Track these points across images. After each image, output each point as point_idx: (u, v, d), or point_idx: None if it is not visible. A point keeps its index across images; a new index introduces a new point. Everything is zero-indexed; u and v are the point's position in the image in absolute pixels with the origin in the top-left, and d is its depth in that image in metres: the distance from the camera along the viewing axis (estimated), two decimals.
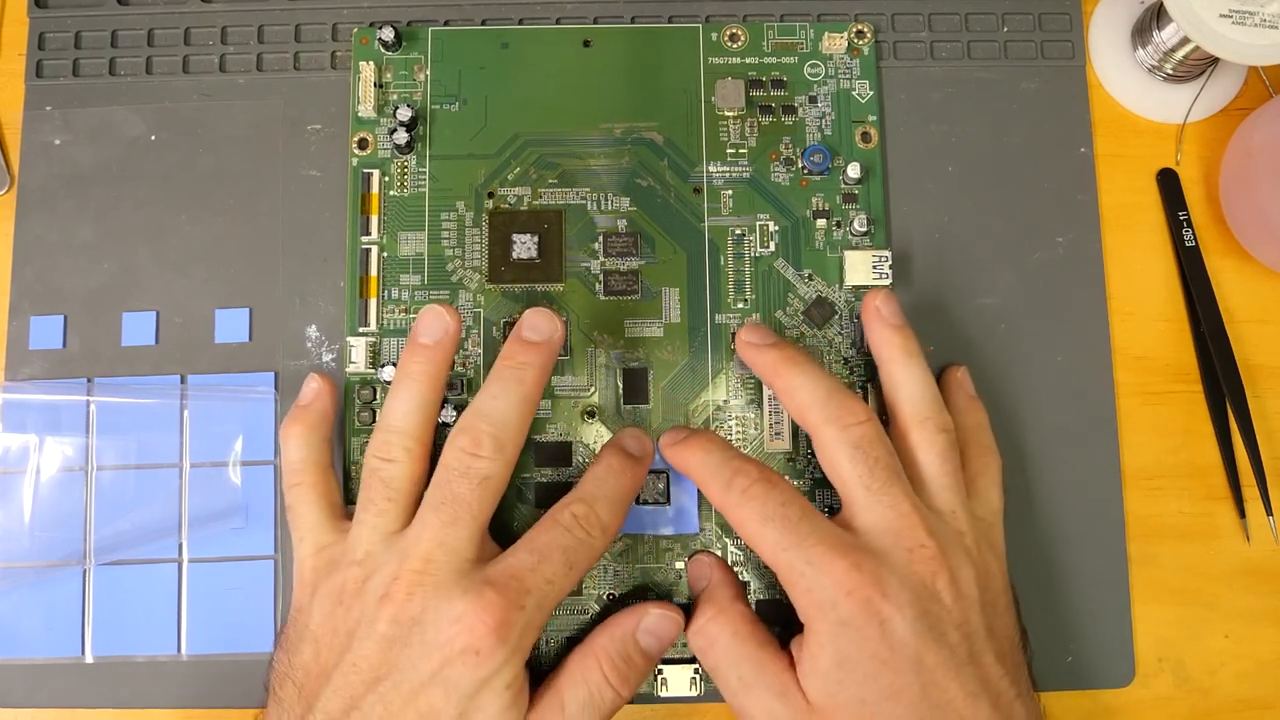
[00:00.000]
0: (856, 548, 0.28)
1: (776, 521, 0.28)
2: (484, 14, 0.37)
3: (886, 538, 0.28)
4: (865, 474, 0.29)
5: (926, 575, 0.28)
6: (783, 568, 0.28)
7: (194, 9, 0.37)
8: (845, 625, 0.27)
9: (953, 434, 0.31)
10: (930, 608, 0.27)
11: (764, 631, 0.30)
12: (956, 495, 0.30)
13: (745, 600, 0.31)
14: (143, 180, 0.36)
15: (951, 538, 0.29)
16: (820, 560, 0.28)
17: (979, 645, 0.28)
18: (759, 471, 0.30)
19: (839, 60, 0.36)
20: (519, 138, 0.36)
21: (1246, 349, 0.36)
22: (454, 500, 0.29)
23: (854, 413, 0.30)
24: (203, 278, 0.35)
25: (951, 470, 0.30)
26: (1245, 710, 0.34)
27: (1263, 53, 0.33)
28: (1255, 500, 0.35)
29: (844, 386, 0.31)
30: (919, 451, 0.30)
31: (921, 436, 0.30)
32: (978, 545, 0.29)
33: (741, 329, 0.33)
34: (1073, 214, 0.36)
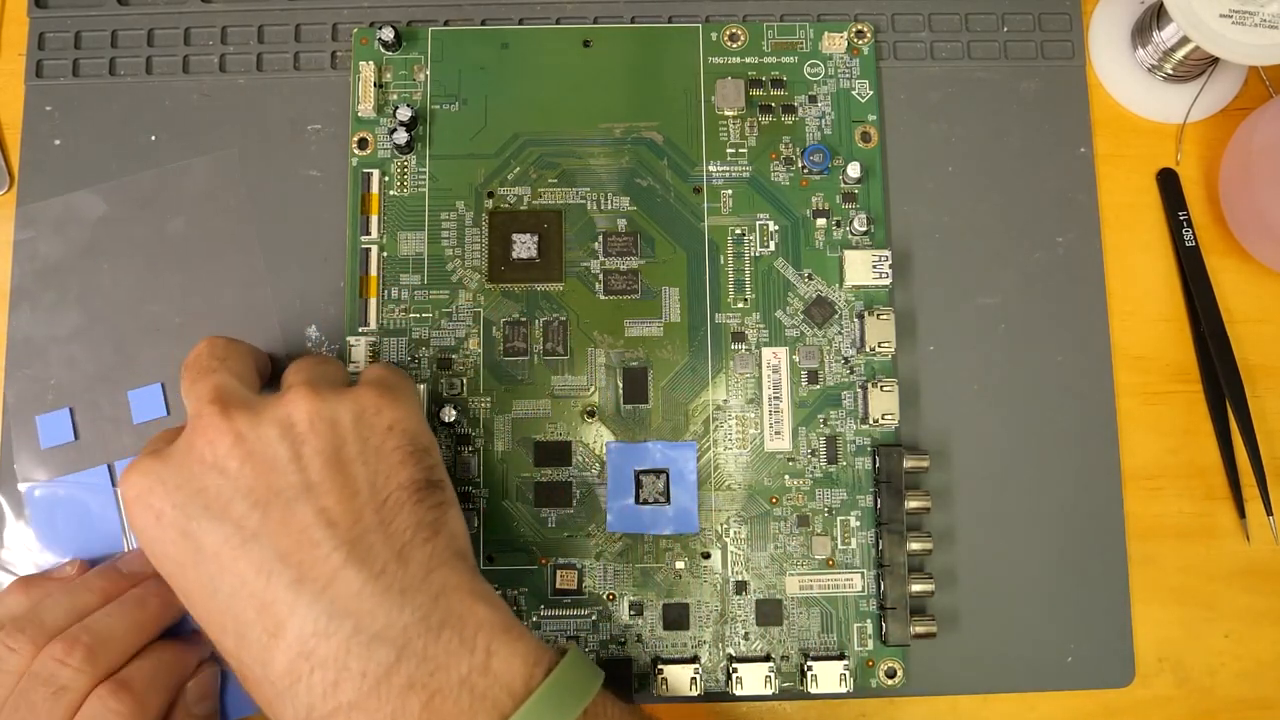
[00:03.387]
0: (148, 455, 0.27)
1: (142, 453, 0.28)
2: (484, 14, 0.37)
3: (186, 433, 0.27)
4: (182, 383, 0.28)
5: (204, 445, 0.26)
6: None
7: (194, 9, 0.37)
8: (136, 534, 0.27)
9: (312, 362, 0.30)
10: (208, 483, 0.25)
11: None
12: (300, 374, 0.28)
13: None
14: (114, 254, 0.35)
15: (259, 403, 0.27)
16: (122, 480, 0.27)
17: (281, 506, 0.25)
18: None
19: (839, 60, 0.36)
20: (519, 138, 0.36)
21: (1246, 349, 0.36)
22: (27, 707, 0.27)
23: (195, 347, 0.29)
24: (198, 333, 0.34)
25: (307, 363, 0.29)
26: (1245, 710, 0.34)
27: (1263, 53, 0.33)
28: (1255, 500, 0.35)
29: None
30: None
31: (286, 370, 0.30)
32: (306, 395, 0.27)
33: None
34: (1073, 214, 0.36)
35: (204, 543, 0.25)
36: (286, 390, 0.27)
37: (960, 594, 0.34)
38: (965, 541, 0.34)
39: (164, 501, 0.26)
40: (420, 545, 0.26)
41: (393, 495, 0.26)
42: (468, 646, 0.25)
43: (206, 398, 0.27)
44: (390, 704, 0.24)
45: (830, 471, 0.34)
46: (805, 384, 0.34)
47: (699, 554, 0.33)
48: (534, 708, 0.24)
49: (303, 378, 0.28)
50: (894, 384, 0.33)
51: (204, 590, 0.25)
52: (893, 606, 0.32)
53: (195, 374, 0.28)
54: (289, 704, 0.24)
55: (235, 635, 0.25)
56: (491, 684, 0.24)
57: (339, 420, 0.27)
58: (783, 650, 0.33)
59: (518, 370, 0.34)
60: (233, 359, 0.29)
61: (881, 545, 0.33)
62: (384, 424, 0.27)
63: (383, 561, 0.25)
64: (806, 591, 0.33)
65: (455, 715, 0.24)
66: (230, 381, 0.27)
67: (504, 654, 0.25)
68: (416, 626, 0.25)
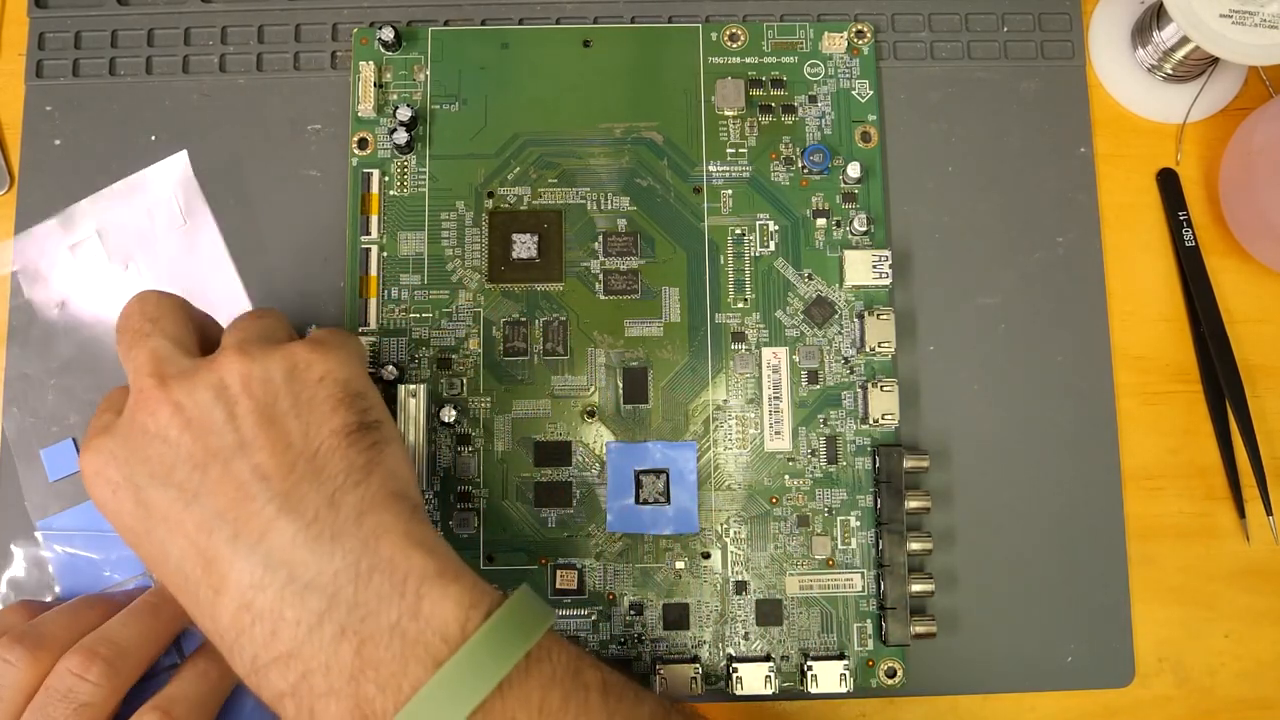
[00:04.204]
0: (99, 432, 0.27)
1: (86, 430, 0.28)
2: (484, 14, 0.37)
3: (129, 406, 0.27)
4: (119, 347, 0.28)
5: (146, 417, 0.26)
6: None
7: (194, 9, 0.37)
8: (102, 510, 0.27)
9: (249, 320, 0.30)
10: (152, 453, 0.26)
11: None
12: (234, 335, 0.28)
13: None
14: (98, 277, 0.35)
15: (193, 368, 0.27)
16: (80, 459, 0.27)
17: (219, 466, 0.25)
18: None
19: (839, 60, 0.36)
20: (519, 138, 0.36)
21: (1246, 349, 0.36)
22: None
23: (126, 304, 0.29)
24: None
25: (244, 322, 0.29)
26: (1245, 710, 0.34)
27: (1263, 53, 0.33)
28: (1255, 500, 0.35)
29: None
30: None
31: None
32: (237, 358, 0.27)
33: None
34: (1073, 214, 0.36)
35: (153, 509, 0.25)
36: (220, 352, 0.27)
37: (960, 594, 0.34)
38: (965, 541, 0.34)
39: (117, 474, 0.26)
40: (351, 489, 0.26)
41: (325, 443, 0.26)
42: (398, 591, 0.25)
43: (145, 369, 0.27)
44: (324, 651, 0.24)
45: (830, 471, 0.34)
46: (805, 384, 0.34)
47: (699, 554, 0.33)
48: (470, 652, 0.24)
49: (236, 338, 0.28)
50: (894, 384, 0.33)
51: (160, 554, 0.26)
52: (893, 606, 0.32)
53: (130, 339, 0.28)
54: (237, 655, 0.25)
55: (189, 594, 0.26)
56: (423, 629, 0.24)
57: (271, 378, 0.27)
58: (783, 650, 0.33)
59: (518, 370, 0.34)
60: (165, 319, 0.28)
61: (881, 545, 0.33)
62: (315, 376, 0.27)
63: (315, 509, 0.25)
64: (806, 591, 0.33)
65: (388, 661, 0.24)
66: (164, 346, 0.27)
67: (434, 597, 0.25)
68: (346, 572, 0.25)
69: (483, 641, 0.24)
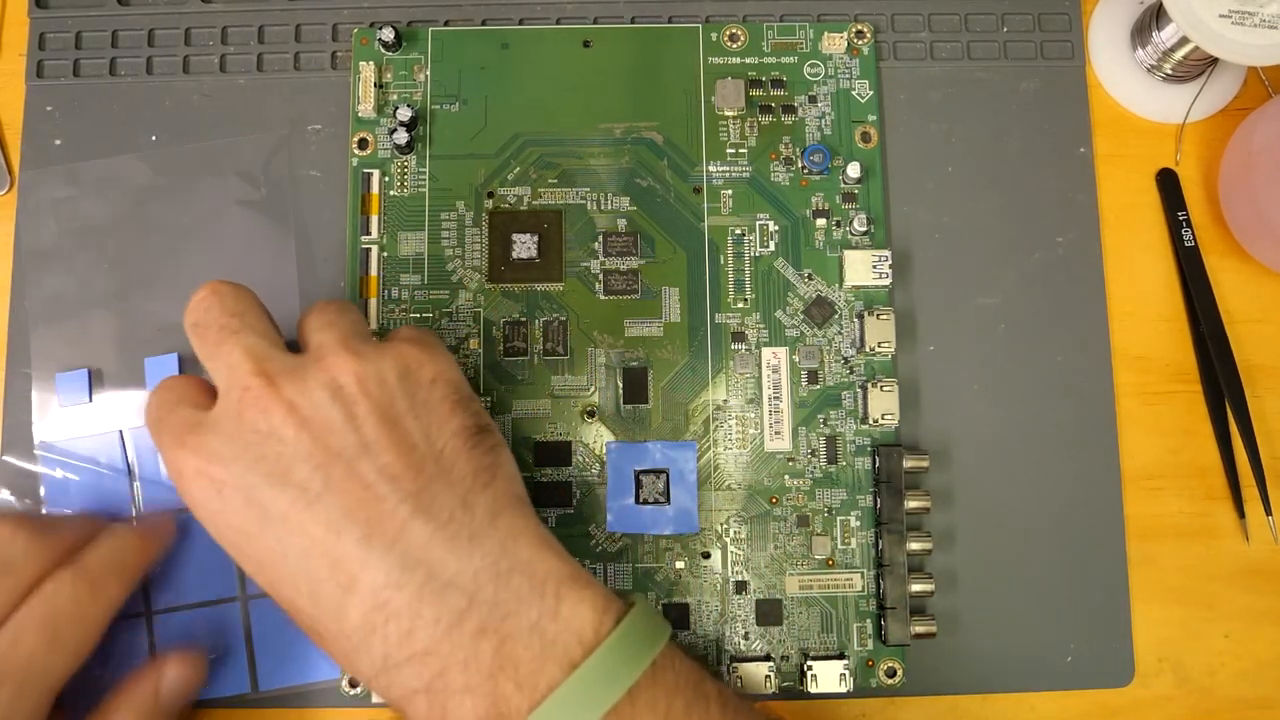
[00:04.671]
0: (193, 428, 0.26)
1: (151, 427, 0.27)
2: (484, 14, 0.37)
3: (222, 399, 0.26)
4: (200, 343, 0.27)
5: (256, 416, 0.25)
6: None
7: (194, 9, 0.37)
8: (196, 509, 0.26)
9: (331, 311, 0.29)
10: (266, 452, 0.25)
11: None
12: (330, 331, 0.27)
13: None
14: (150, 223, 0.36)
15: (300, 366, 0.26)
16: (173, 460, 0.26)
17: (342, 467, 0.25)
18: (156, 386, 0.28)
19: (839, 60, 0.36)
20: (519, 138, 0.36)
21: (1246, 349, 0.36)
22: None
23: (195, 294, 0.28)
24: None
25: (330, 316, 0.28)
26: (1245, 710, 0.34)
27: (1263, 53, 0.33)
28: (1255, 500, 0.35)
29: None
30: (299, 322, 0.29)
31: (302, 318, 0.29)
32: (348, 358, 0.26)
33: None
34: (1073, 214, 0.36)
35: (270, 509, 0.25)
36: (322, 350, 0.27)
37: (960, 594, 0.34)
38: (965, 541, 0.34)
39: (224, 473, 0.25)
40: (481, 490, 0.26)
41: (448, 444, 0.26)
42: (537, 592, 0.25)
43: (246, 367, 0.26)
44: (463, 649, 0.24)
45: (830, 471, 0.34)
46: (805, 384, 0.34)
47: (699, 554, 0.33)
48: (605, 656, 0.24)
49: (336, 336, 0.27)
50: (894, 384, 0.33)
51: (273, 554, 0.25)
52: (893, 606, 0.32)
53: (217, 335, 0.27)
54: (364, 655, 0.25)
55: (309, 594, 0.25)
56: (561, 630, 0.25)
57: (385, 378, 0.26)
58: (783, 650, 0.33)
59: (518, 370, 0.34)
60: (249, 313, 0.28)
61: (881, 545, 0.33)
62: (427, 377, 0.27)
63: (449, 510, 0.25)
64: (806, 591, 0.33)
65: (527, 660, 0.24)
66: (259, 343, 0.27)
67: (573, 600, 0.25)
68: (486, 572, 0.25)
69: (615, 646, 0.25)
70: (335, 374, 0.26)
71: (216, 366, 0.27)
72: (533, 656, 0.24)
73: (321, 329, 0.28)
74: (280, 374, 0.26)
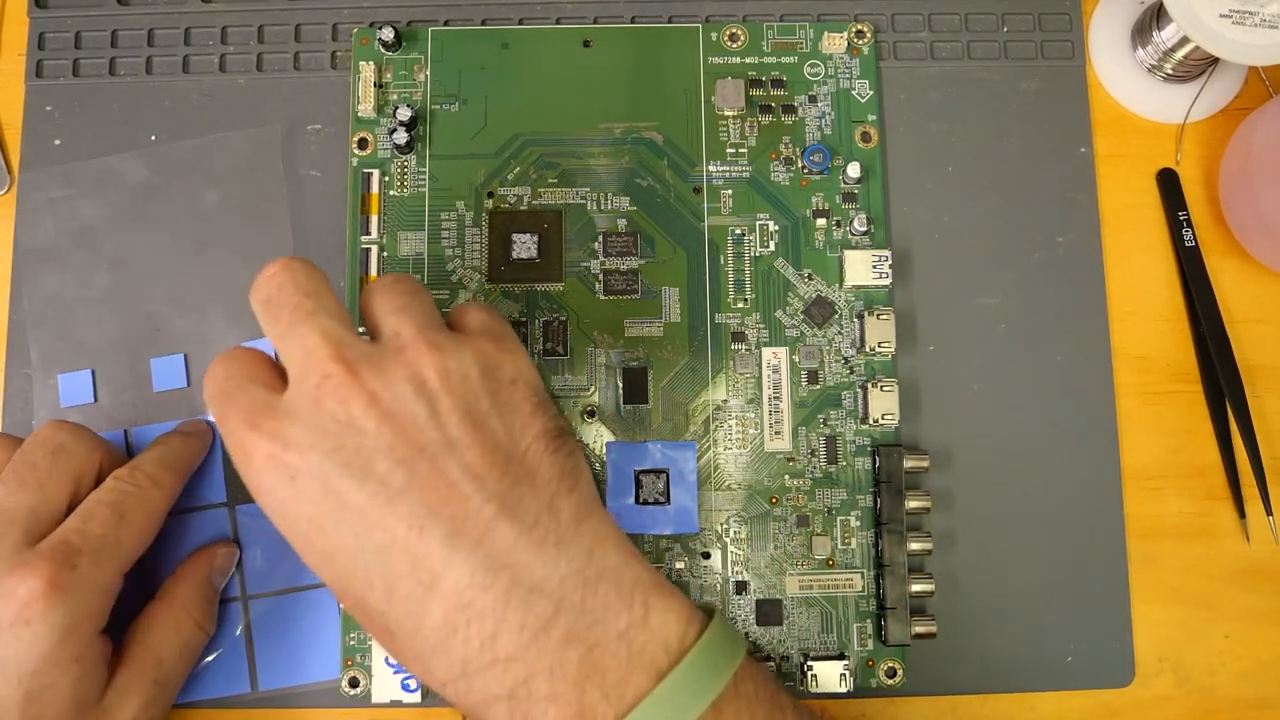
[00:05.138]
0: (266, 410, 0.25)
1: (216, 399, 0.26)
2: (484, 14, 0.37)
3: (297, 383, 0.25)
4: (271, 322, 0.26)
5: (336, 406, 0.24)
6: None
7: (194, 9, 0.37)
8: (263, 495, 0.25)
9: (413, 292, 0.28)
10: (345, 442, 0.24)
11: None
12: (405, 318, 0.26)
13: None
14: (149, 221, 0.36)
15: (379, 355, 0.25)
16: (241, 444, 0.25)
17: (426, 462, 0.24)
18: (220, 356, 0.27)
19: (839, 60, 0.36)
20: (519, 138, 0.36)
21: (1246, 349, 0.36)
22: (26, 465, 0.29)
23: (265, 269, 0.27)
24: (224, 308, 0.35)
25: (402, 299, 0.27)
26: (1245, 710, 0.34)
27: (1263, 53, 0.33)
28: (1255, 500, 0.35)
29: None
30: (364, 299, 0.28)
31: (368, 295, 0.28)
32: (430, 351, 0.26)
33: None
34: (1073, 214, 0.36)
35: (348, 501, 0.24)
36: (400, 340, 0.26)
37: (960, 594, 0.34)
38: (965, 541, 0.34)
39: (299, 460, 0.24)
40: (566, 495, 0.26)
41: (531, 447, 0.26)
42: (625, 601, 0.24)
43: (324, 352, 0.25)
44: (549, 656, 0.24)
45: (830, 471, 0.34)
46: (805, 384, 0.34)
47: (699, 554, 0.33)
48: (691, 666, 0.24)
49: (412, 325, 0.26)
50: (894, 384, 0.33)
51: (347, 548, 0.24)
52: (893, 606, 0.32)
53: (291, 315, 0.26)
54: (442, 657, 0.24)
55: (384, 591, 0.24)
56: (649, 639, 0.24)
57: (467, 375, 0.26)
58: (783, 650, 0.33)
59: None
60: (323, 294, 0.26)
61: (881, 545, 0.33)
62: (508, 377, 0.27)
63: (534, 514, 0.25)
64: (806, 591, 0.33)
65: (613, 669, 0.24)
66: (336, 327, 0.26)
67: (660, 609, 0.25)
68: (573, 579, 0.24)
69: (701, 656, 0.24)
70: (418, 368, 0.25)
71: (290, 348, 0.26)
72: (619, 665, 0.24)
73: (395, 313, 0.27)
74: (360, 362, 0.25)
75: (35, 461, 0.29)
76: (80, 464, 0.30)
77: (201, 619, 0.31)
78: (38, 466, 0.29)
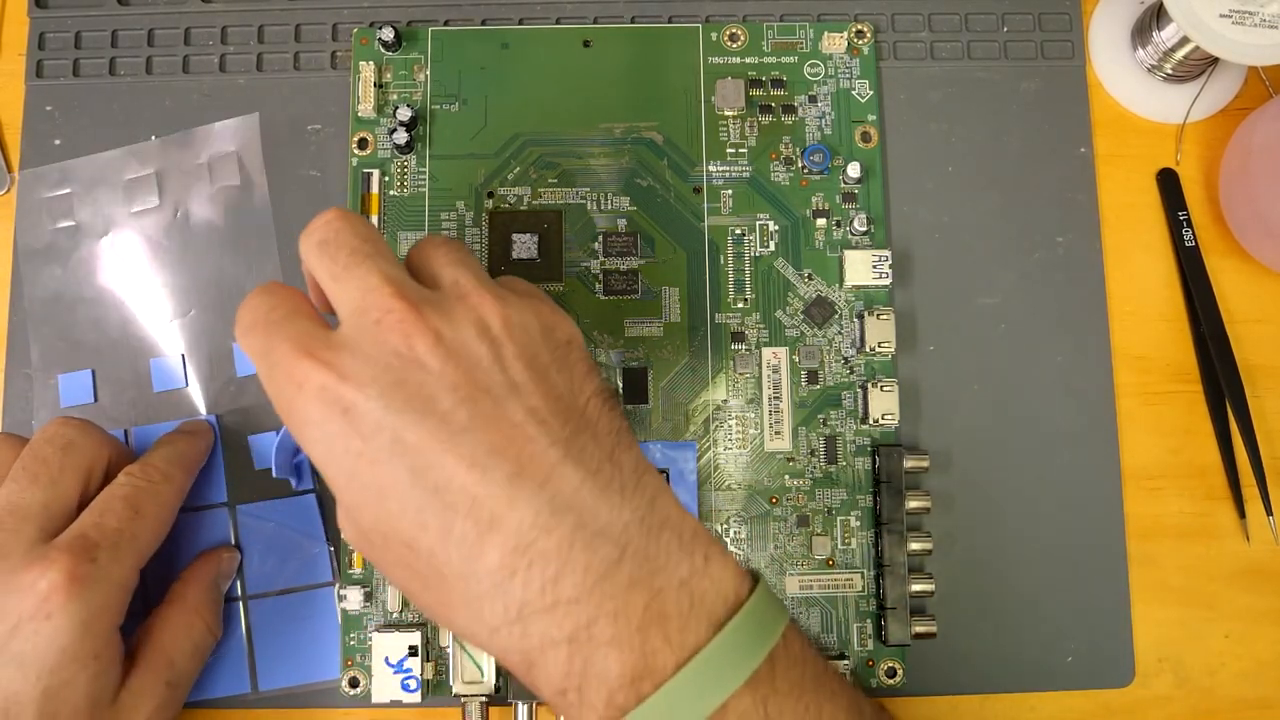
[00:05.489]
0: (322, 342, 0.24)
1: (260, 328, 0.25)
2: (484, 14, 0.37)
3: (353, 319, 0.25)
4: (330, 263, 0.26)
5: (399, 341, 0.24)
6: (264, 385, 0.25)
7: (194, 9, 0.37)
8: (309, 426, 0.24)
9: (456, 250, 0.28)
10: (408, 377, 0.24)
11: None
12: (464, 270, 0.26)
13: None
14: (145, 222, 0.36)
15: (441, 299, 0.25)
16: (289, 374, 0.24)
17: (490, 404, 0.24)
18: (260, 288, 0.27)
19: (839, 60, 0.36)
20: (519, 138, 0.36)
21: (1246, 349, 0.36)
22: (37, 461, 0.29)
23: (319, 216, 0.26)
24: (223, 307, 0.35)
25: (460, 254, 0.27)
26: (1245, 710, 0.34)
27: (1263, 53, 0.33)
28: (1255, 500, 0.35)
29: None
30: (417, 254, 0.28)
31: (422, 249, 0.28)
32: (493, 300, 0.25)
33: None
34: (1073, 214, 0.36)
35: (405, 437, 0.23)
36: (461, 288, 0.26)
37: (960, 594, 0.34)
38: (965, 541, 0.34)
39: (355, 394, 0.23)
40: (625, 450, 0.25)
41: (590, 402, 0.26)
42: (686, 550, 0.24)
43: (386, 290, 0.24)
44: (614, 600, 0.23)
45: (830, 471, 0.34)
46: (805, 384, 0.34)
47: None
48: (748, 617, 0.24)
49: (472, 276, 0.26)
50: (894, 384, 0.33)
51: (399, 485, 0.23)
52: (893, 606, 0.32)
53: (349, 256, 0.25)
54: (497, 600, 0.23)
55: (439, 530, 0.23)
56: (709, 589, 0.24)
57: (528, 328, 0.26)
58: None
59: None
60: (379, 241, 0.26)
61: (881, 545, 0.33)
62: (564, 337, 0.27)
63: (597, 461, 0.24)
64: (806, 591, 0.33)
65: (675, 616, 0.23)
66: (395, 270, 0.25)
67: (719, 561, 0.25)
68: (637, 525, 0.24)
69: (755, 608, 0.24)
70: (481, 313, 0.25)
71: (347, 287, 0.25)
72: (681, 612, 0.23)
73: (454, 265, 0.26)
74: (423, 302, 0.25)
75: (45, 457, 0.29)
76: (90, 459, 0.30)
77: (211, 621, 0.32)
78: (48, 462, 0.29)
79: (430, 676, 0.32)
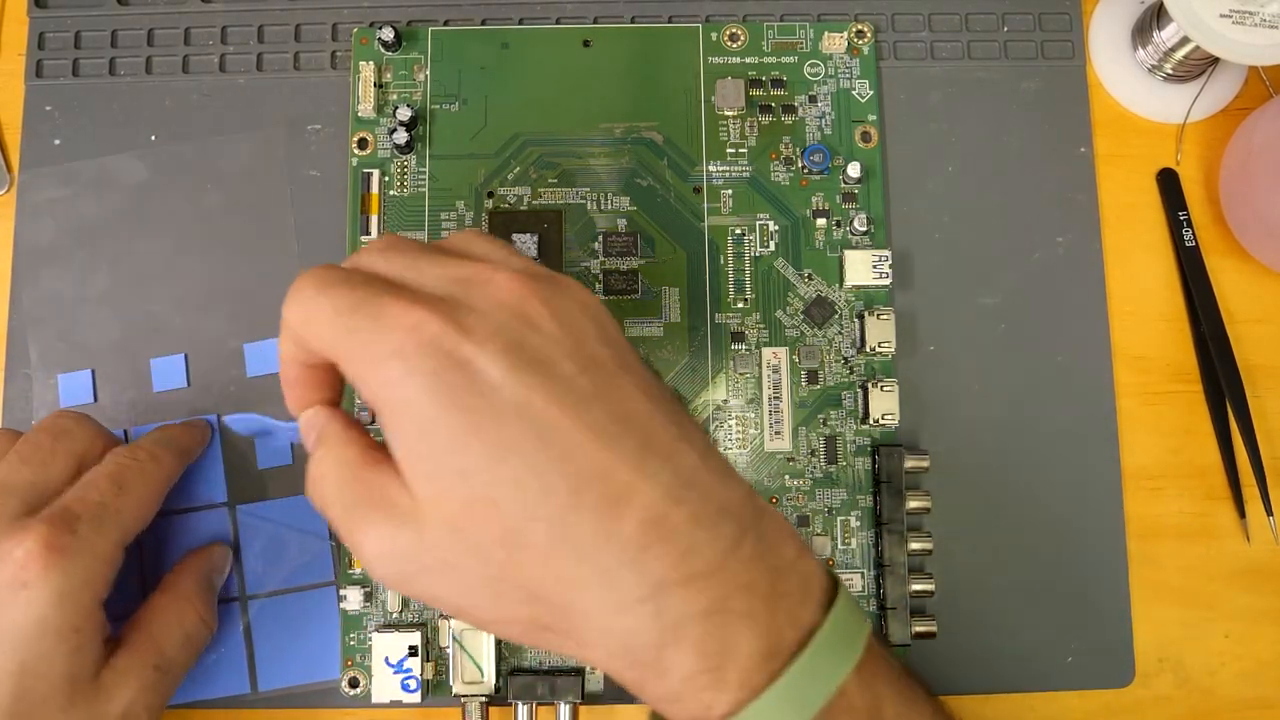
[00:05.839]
0: (429, 297, 0.23)
1: (351, 283, 0.23)
2: (484, 14, 0.37)
3: (456, 281, 0.23)
4: (402, 256, 0.24)
5: (513, 301, 0.23)
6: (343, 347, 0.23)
7: (194, 9, 0.37)
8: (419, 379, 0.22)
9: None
10: (528, 338, 0.22)
11: (380, 452, 0.24)
12: (518, 258, 0.25)
13: (360, 430, 0.25)
14: (148, 221, 0.36)
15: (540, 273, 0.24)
16: (385, 309, 0.22)
17: (606, 377, 0.23)
18: (316, 270, 0.24)
19: (839, 60, 0.36)
20: (519, 138, 0.36)
21: (1246, 349, 0.36)
22: (30, 445, 0.29)
23: (361, 250, 0.25)
24: (225, 308, 0.35)
25: (522, 260, 0.26)
26: (1245, 710, 0.34)
27: (1263, 53, 0.33)
28: (1255, 500, 0.35)
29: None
30: (464, 243, 0.26)
31: (469, 240, 0.26)
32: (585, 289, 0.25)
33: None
34: (1073, 214, 0.36)
35: (530, 398, 0.22)
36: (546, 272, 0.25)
37: (960, 594, 0.34)
38: (965, 541, 0.34)
39: (473, 351, 0.22)
40: (712, 444, 0.25)
41: (671, 393, 0.26)
42: (785, 532, 0.24)
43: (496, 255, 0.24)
44: (744, 574, 0.23)
45: (830, 471, 0.34)
46: (805, 384, 0.34)
47: None
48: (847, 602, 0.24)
49: (538, 268, 0.25)
50: (894, 384, 0.33)
51: (523, 447, 0.22)
52: (893, 606, 0.32)
53: (422, 247, 0.25)
54: (635, 573, 0.22)
55: (568, 496, 0.22)
56: (812, 571, 0.24)
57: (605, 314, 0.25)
58: None
59: None
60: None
61: (881, 545, 0.33)
62: (624, 339, 0.26)
63: (702, 446, 0.24)
64: None
65: (791, 594, 0.23)
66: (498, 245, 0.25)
67: (807, 549, 0.24)
68: (747, 505, 0.24)
69: (848, 595, 0.24)
70: (575, 292, 0.24)
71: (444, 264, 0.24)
72: (795, 590, 0.23)
73: (515, 255, 0.26)
74: (530, 275, 0.24)
75: (39, 442, 0.30)
76: (83, 447, 0.30)
77: (204, 611, 0.31)
78: (41, 446, 0.30)
79: (430, 677, 0.32)
